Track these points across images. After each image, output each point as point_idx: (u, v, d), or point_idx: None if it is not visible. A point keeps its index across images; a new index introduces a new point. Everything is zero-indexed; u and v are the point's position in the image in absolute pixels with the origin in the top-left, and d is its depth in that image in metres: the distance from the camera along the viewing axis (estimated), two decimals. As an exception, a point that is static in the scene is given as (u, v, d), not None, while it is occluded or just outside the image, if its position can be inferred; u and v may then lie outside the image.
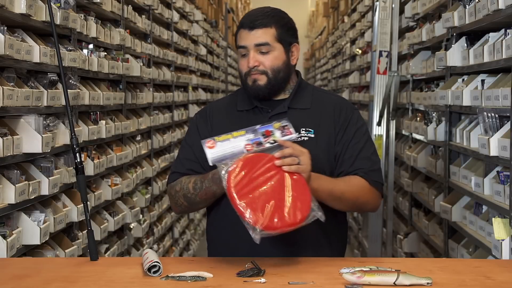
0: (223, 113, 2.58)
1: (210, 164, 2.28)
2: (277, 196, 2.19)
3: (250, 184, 2.19)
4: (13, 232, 3.03)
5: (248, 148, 2.28)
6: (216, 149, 2.29)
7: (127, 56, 5.16)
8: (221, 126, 2.53)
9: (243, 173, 2.20)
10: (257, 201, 2.16)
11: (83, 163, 2.90)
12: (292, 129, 2.32)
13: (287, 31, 2.49)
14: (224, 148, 2.29)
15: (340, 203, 2.43)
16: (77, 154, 2.67)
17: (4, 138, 2.95)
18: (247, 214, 2.14)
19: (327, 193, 2.37)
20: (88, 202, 2.60)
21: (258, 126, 2.33)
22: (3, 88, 2.91)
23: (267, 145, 2.29)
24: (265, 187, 2.20)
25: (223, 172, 2.21)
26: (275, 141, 2.29)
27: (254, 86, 2.48)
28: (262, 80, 2.46)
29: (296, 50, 2.54)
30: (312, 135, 2.48)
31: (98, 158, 4.28)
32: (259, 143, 2.30)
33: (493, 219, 3.30)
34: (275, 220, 2.15)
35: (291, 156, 2.24)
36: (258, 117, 2.51)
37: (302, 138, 2.46)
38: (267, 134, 2.31)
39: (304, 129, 2.48)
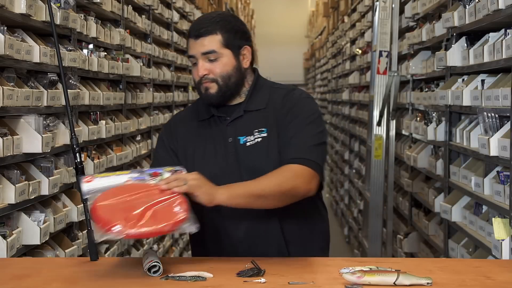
0: (186, 124, 2.57)
1: (84, 197, 2.24)
2: (140, 207, 2.09)
3: (115, 201, 2.11)
4: (13, 232, 3.03)
5: (129, 183, 2.21)
6: (93, 183, 2.23)
7: (127, 56, 5.16)
8: (185, 137, 2.53)
9: (112, 196, 2.12)
10: (114, 209, 2.08)
11: (83, 163, 2.90)
12: (184, 172, 2.27)
13: (234, 35, 2.45)
14: (102, 182, 2.23)
15: (266, 200, 2.32)
16: (77, 154, 2.67)
17: (4, 138, 2.95)
18: (99, 218, 2.07)
19: (246, 197, 2.28)
20: (88, 202, 2.60)
21: (146, 169, 2.29)
22: (3, 88, 2.91)
23: (152, 182, 2.22)
24: (129, 200, 2.11)
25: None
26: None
27: (206, 95, 2.46)
28: (213, 88, 2.44)
29: (248, 52, 2.49)
30: (265, 134, 2.45)
31: (98, 158, 4.28)
32: (143, 180, 2.23)
33: (493, 219, 3.30)
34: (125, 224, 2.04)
35: (177, 180, 2.19)
36: (218, 125, 2.51)
37: (255, 140, 2.44)
38: (154, 175, 2.24)
39: (256, 130, 2.46)
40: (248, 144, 2.45)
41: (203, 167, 2.46)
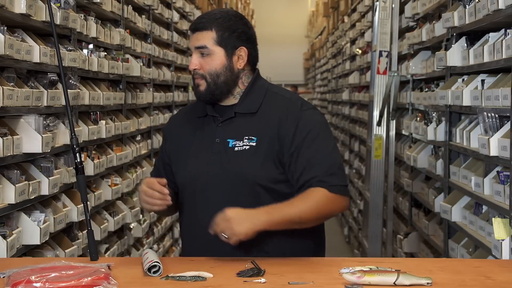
0: (187, 119, 2.58)
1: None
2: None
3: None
4: (13, 232, 3.03)
5: None
6: None
7: (127, 56, 5.16)
8: (179, 132, 2.55)
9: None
10: None
11: (83, 163, 2.90)
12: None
13: (230, 34, 2.43)
14: None
15: (301, 225, 2.36)
16: (77, 154, 2.67)
17: (4, 138, 2.95)
18: None
19: (284, 224, 2.32)
20: (88, 202, 2.61)
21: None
22: (3, 88, 2.91)
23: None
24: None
25: None
26: None
27: (196, 91, 2.47)
28: (203, 86, 2.44)
29: (244, 53, 2.46)
30: (254, 143, 2.41)
31: (98, 158, 4.28)
32: None
33: (493, 219, 3.30)
34: None
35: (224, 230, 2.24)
36: (210, 124, 2.49)
37: (244, 146, 2.41)
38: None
39: (247, 137, 2.43)
40: (236, 148, 2.42)
41: (186, 163, 2.48)
